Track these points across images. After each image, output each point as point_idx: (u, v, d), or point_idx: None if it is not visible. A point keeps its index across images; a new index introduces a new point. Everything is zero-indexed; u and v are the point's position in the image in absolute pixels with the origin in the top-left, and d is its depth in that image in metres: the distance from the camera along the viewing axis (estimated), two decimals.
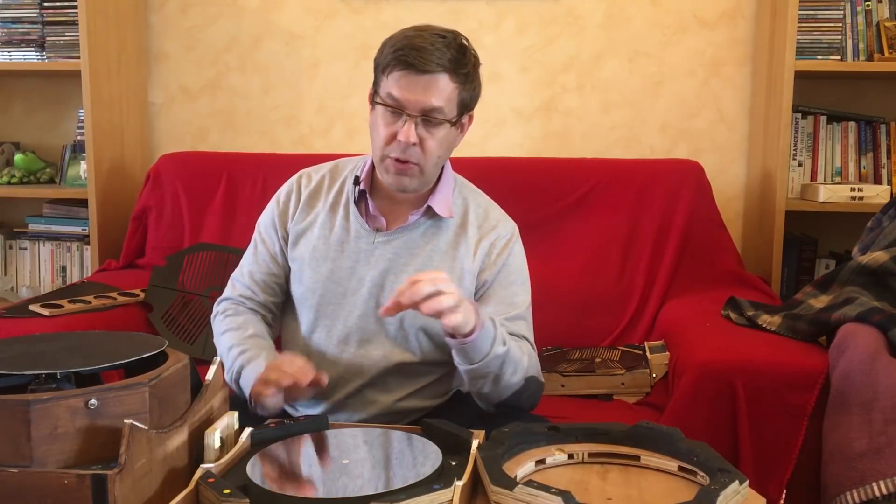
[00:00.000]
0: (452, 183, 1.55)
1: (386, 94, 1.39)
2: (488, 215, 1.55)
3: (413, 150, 1.40)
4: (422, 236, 1.49)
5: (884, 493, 1.40)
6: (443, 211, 1.49)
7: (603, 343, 2.13)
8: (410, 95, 1.37)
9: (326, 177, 1.57)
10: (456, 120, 1.43)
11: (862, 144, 2.42)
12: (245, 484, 1.03)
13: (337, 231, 1.51)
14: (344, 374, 1.48)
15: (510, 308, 1.48)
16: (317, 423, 1.25)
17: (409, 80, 1.37)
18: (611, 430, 1.19)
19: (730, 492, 0.98)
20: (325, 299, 1.49)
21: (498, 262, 1.50)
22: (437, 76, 1.37)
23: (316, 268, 1.50)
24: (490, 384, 1.38)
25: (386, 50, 1.40)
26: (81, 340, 1.15)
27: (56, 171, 2.72)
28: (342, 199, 1.53)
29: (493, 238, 1.52)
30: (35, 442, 0.92)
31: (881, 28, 2.32)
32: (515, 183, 2.25)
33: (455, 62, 1.38)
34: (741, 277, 2.19)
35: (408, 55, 1.36)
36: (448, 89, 1.39)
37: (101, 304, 2.03)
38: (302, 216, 1.54)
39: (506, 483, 1.00)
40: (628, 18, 2.57)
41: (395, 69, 1.38)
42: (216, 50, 2.71)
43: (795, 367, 1.57)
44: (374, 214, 1.50)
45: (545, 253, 2.20)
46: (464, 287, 1.48)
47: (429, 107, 1.38)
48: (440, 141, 1.42)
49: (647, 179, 2.26)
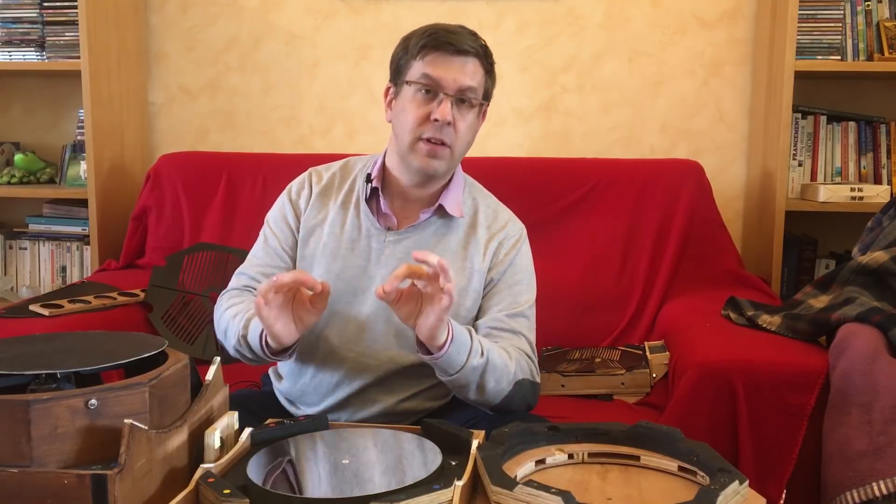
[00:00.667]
0: (463, 183, 1.56)
1: (420, 74, 1.41)
2: (497, 216, 1.56)
3: (448, 129, 1.42)
4: (433, 235, 1.50)
5: (884, 493, 1.40)
6: (454, 210, 1.50)
7: (603, 343, 2.13)
8: (447, 74, 1.40)
9: (337, 174, 1.57)
10: (483, 105, 1.47)
11: (862, 144, 2.42)
12: (245, 484, 1.03)
13: (348, 229, 1.50)
14: (349, 373, 1.48)
15: (513, 306, 1.48)
16: (316, 424, 1.25)
17: (445, 59, 1.40)
18: (611, 430, 1.19)
19: (730, 492, 0.98)
20: (336, 297, 1.47)
21: (505, 261, 1.51)
22: (469, 58, 1.42)
23: (327, 265, 1.49)
24: (474, 392, 1.37)
25: (412, 41, 1.43)
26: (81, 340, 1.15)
27: (56, 171, 2.73)
28: (353, 197, 1.53)
29: (502, 237, 1.52)
30: (35, 442, 0.92)
31: (881, 28, 2.32)
32: (515, 183, 2.25)
33: (484, 50, 1.45)
34: (741, 277, 2.20)
35: (442, 36, 1.40)
36: (479, 73, 1.44)
37: (101, 304, 2.03)
38: (314, 212, 1.53)
39: (506, 483, 1.00)
40: (628, 18, 2.57)
41: (430, 51, 1.41)
42: (216, 50, 2.71)
43: (795, 367, 1.57)
44: (385, 213, 1.50)
45: (545, 253, 2.20)
46: (472, 287, 1.48)
47: (465, 86, 1.41)
48: (470, 125, 1.45)
49: (647, 179, 2.26)
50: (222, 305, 1.52)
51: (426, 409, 1.52)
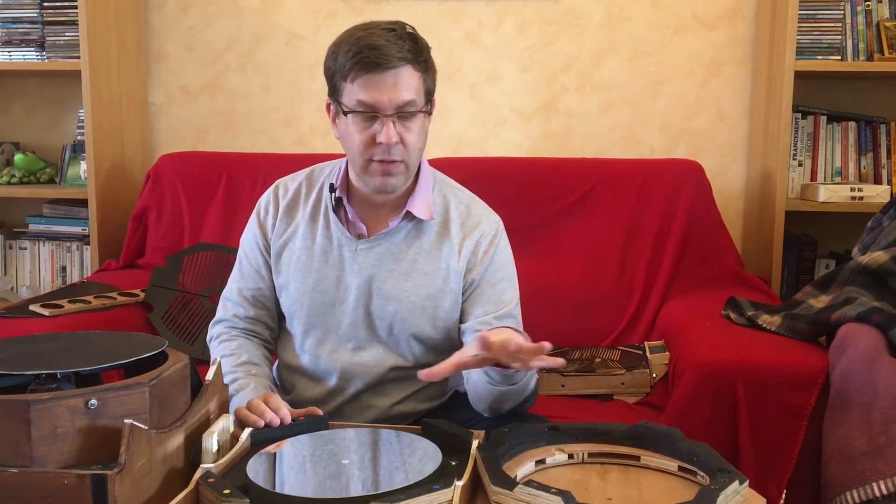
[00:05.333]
0: (431, 181, 1.52)
1: (355, 101, 1.36)
2: (470, 212, 1.52)
3: (396, 148, 1.37)
4: (404, 240, 1.48)
5: (884, 493, 1.40)
6: (423, 214, 1.47)
7: (603, 343, 2.13)
8: (382, 95, 1.34)
9: (303, 184, 1.55)
10: (426, 108, 1.42)
11: (862, 144, 2.42)
12: (245, 484, 1.03)
13: (319, 241, 1.49)
14: (339, 382, 1.49)
15: (498, 306, 1.46)
16: (316, 424, 1.25)
17: (376, 80, 1.34)
18: (611, 430, 1.19)
19: (730, 492, 0.98)
20: (314, 310, 1.48)
21: (484, 260, 1.48)
22: (401, 69, 1.35)
23: (301, 279, 1.49)
24: (515, 398, 1.36)
25: (340, 57, 1.37)
26: (81, 340, 1.15)
27: (56, 171, 2.72)
28: (321, 208, 1.51)
29: (478, 236, 1.49)
30: (35, 442, 0.92)
31: (881, 28, 2.32)
32: (515, 183, 2.25)
33: (413, 52, 1.37)
34: (741, 277, 2.19)
35: (368, 56, 1.33)
36: (414, 79, 1.37)
37: (101, 304, 2.03)
38: (282, 228, 1.52)
39: (506, 483, 1.00)
40: (628, 18, 2.57)
41: (359, 73, 1.35)
42: (216, 50, 2.71)
43: (795, 367, 1.57)
44: (353, 221, 1.48)
45: (545, 253, 2.20)
46: (449, 287, 1.47)
47: (402, 102, 1.36)
48: (418, 132, 1.40)
49: (647, 179, 2.26)
50: (213, 352, 1.54)
51: (422, 410, 1.52)
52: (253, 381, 1.43)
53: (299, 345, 1.52)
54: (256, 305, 1.55)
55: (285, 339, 1.57)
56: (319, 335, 1.49)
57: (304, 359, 1.52)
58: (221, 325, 1.56)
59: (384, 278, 1.46)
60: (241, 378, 1.43)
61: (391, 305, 1.45)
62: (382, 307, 1.46)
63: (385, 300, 1.45)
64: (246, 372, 1.45)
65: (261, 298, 1.55)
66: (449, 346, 1.46)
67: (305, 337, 1.51)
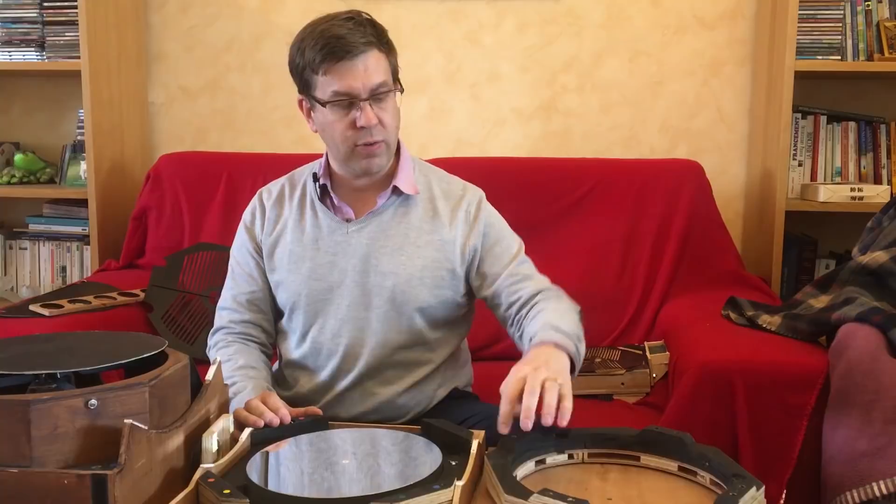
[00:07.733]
0: (412, 161, 1.58)
1: (330, 92, 1.41)
2: (451, 185, 1.58)
3: (377, 129, 1.43)
4: (393, 217, 1.51)
5: (884, 493, 1.40)
6: (408, 188, 1.51)
7: (603, 343, 2.13)
8: (355, 81, 1.39)
9: (286, 185, 1.60)
10: (397, 87, 1.47)
11: (862, 144, 2.42)
12: (245, 484, 1.03)
13: (309, 230, 1.52)
14: (342, 366, 1.50)
15: (511, 258, 1.52)
16: (316, 424, 1.25)
17: (346, 67, 1.39)
18: (619, 436, 1.18)
19: (747, 498, 0.97)
20: (312, 298, 1.50)
21: (478, 226, 1.53)
22: (368, 54, 1.40)
23: (296, 270, 1.51)
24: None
25: (307, 52, 1.41)
26: (81, 340, 1.15)
27: (56, 171, 2.72)
28: (307, 200, 1.55)
29: (465, 206, 1.54)
30: (35, 442, 0.92)
31: (881, 28, 2.32)
32: (515, 183, 2.25)
33: (376, 36, 1.42)
34: (741, 277, 2.19)
35: (336, 45, 1.38)
36: (382, 62, 1.43)
37: (101, 304, 2.03)
38: (271, 226, 1.56)
39: (520, 493, 0.97)
40: (628, 18, 2.57)
41: (330, 64, 1.39)
42: (216, 50, 2.71)
43: (795, 367, 1.57)
44: (340, 206, 1.52)
45: (545, 253, 2.19)
46: (446, 257, 1.50)
47: (374, 84, 1.41)
48: (392, 111, 1.46)
49: (647, 179, 2.26)
50: (212, 357, 1.53)
51: (425, 402, 1.53)
52: (251, 384, 1.44)
53: (301, 335, 1.53)
54: (251, 309, 1.56)
55: (286, 335, 1.58)
56: (321, 323, 1.51)
57: (306, 349, 1.53)
58: (218, 333, 1.58)
59: (379, 255, 1.49)
60: (239, 381, 1.44)
61: (389, 280, 1.48)
62: (381, 283, 1.48)
63: (383, 276, 1.48)
64: (243, 375, 1.46)
65: (255, 302, 1.56)
66: (454, 320, 1.55)
67: (307, 326, 1.52)
